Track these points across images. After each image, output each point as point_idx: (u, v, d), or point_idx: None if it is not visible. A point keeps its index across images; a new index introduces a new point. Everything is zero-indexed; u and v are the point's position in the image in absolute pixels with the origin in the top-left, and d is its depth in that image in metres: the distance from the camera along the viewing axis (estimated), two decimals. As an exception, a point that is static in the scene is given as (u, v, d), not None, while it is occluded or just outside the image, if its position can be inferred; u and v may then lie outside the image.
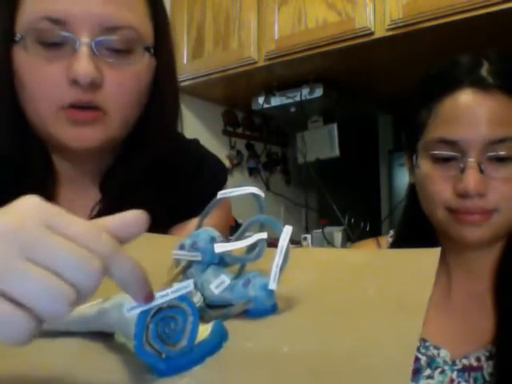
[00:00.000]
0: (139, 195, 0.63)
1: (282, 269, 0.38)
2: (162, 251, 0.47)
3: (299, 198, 2.16)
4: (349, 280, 0.45)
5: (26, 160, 0.60)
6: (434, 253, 0.45)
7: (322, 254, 0.56)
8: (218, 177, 0.71)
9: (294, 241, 1.93)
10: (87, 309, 0.38)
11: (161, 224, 0.63)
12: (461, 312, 0.69)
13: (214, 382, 0.32)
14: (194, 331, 0.33)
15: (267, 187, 2.17)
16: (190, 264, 0.42)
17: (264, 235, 0.39)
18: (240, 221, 1.85)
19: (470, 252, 0.70)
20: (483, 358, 0.64)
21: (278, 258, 0.37)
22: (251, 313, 0.39)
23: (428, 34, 1.34)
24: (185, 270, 0.42)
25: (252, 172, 2.19)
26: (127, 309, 0.30)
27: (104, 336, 0.37)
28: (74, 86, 0.54)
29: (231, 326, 0.37)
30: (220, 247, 0.40)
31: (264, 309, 0.39)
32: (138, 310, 0.31)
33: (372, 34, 1.39)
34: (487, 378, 0.63)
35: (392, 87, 1.68)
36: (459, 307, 0.69)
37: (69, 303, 0.26)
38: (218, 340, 0.35)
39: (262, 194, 0.41)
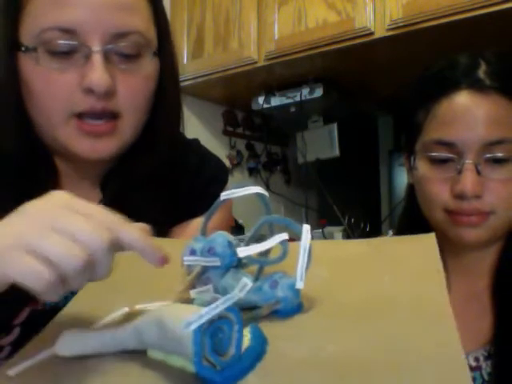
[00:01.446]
0: (140, 196, 0.63)
1: (306, 268, 0.38)
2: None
3: (299, 198, 2.16)
4: (361, 272, 0.45)
5: (29, 161, 0.59)
6: (431, 237, 0.46)
7: (322, 246, 0.57)
8: (219, 176, 0.71)
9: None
10: (116, 329, 0.37)
11: (162, 224, 0.63)
12: (459, 312, 0.68)
13: None
14: (240, 339, 0.33)
15: (267, 187, 2.17)
16: (204, 269, 0.42)
17: (285, 236, 0.39)
18: (240, 221, 1.85)
19: (468, 253, 0.70)
20: (481, 358, 0.64)
21: (302, 258, 0.38)
22: (280, 313, 0.39)
23: (428, 33, 1.34)
24: (199, 276, 0.42)
25: (252, 172, 2.19)
26: (184, 325, 0.31)
27: (134, 354, 0.37)
28: (89, 94, 0.54)
29: (263, 327, 0.37)
30: (243, 251, 0.39)
31: (292, 308, 0.39)
32: (194, 326, 0.31)
33: (372, 33, 1.39)
34: (486, 377, 0.63)
35: (392, 87, 1.68)
36: (457, 307, 0.69)
37: (83, 262, 0.34)
38: (261, 344, 0.35)
39: (265, 193, 0.41)
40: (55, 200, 0.37)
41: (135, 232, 0.36)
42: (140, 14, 0.57)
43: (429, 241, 0.46)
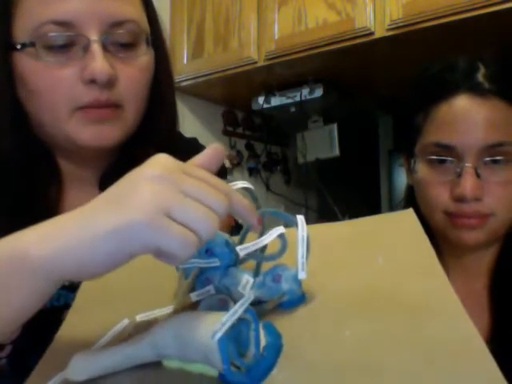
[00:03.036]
0: None
1: (307, 258, 0.39)
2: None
3: (299, 198, 2.16)
4: (352, 255, 0.45)
5: (28, 161, 0.59)
6: (409, 213, 0.47)
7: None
8: (217, 175, 0.71)
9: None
10: (128, 345, 0.37)
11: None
12: None
13: (303, 381, 0.32)
14: (258, 337, 0.34)
15: (267, 187, 2.17)
16: (203, 271, 0.42)
17: (282, 229, 0.39)
18: (240, 221, 1.85)
19: (467, 253, 0.70)
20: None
21: (301, 248, 0.38)
22: (285, 305, 0.39)
23: (428, 34, 1.34)
24: (197, 278, 0.42)
25: (252, 172, 2.19)
26: (211, 336, 0.31)
27: (148, 366, 0.36)
28: (91, 85, 0.54)
29: (273, 322, 0.37)
30: (244, 250, 0.39)
31: (296, 300, 0.40)
32: (219, 335, 0.31)
33: (372, 33, 1.39)
34: None
35: (392, 87, 1.68)
36: None
37: (216, 227, 0.34)
38: (278, 339, 0.35)
39: (251, 186, 0.41)
40: (167, 164, 0.35)
41: (240, 197, 0.37)
42: (133, 3, 0.58)
43: (409, 217, 0.47)
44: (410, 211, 0.47)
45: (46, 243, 0.34)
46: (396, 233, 0.46)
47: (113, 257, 0.33)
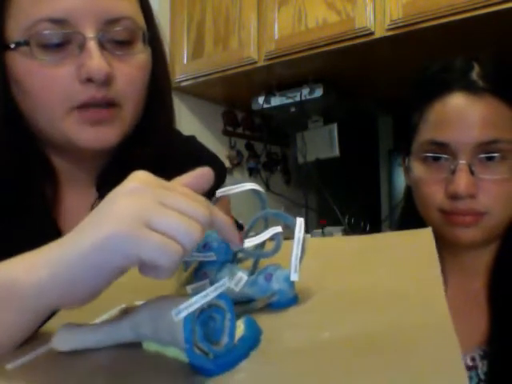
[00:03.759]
0: None
1: (300, 260, 0.39)
2: None
3: (299, 198, 2.16)
4: (354, 264, 0.45)
5: (24, 162, 0.59)
6: (427, 232, 0.46)
7: (316, 242, 0.57)
8: (215, 174, 0.71)
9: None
10: (112, 323, 0.38)
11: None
12: (456, 312, 0.68)
13: (268, 374, 0.32)
14: (233, 328, 0.34)
15: (267, 187, 2.17)
16: (201, 265, 0.42)
17: (279, 229, 0.40)
18: (240, 221, 1.85)
19: (464, 252, 0.70)
20: (478, 358, 0.64)
21: (296, 250, 0.38)
22: (275, 305, 0.40)
23: (428, 34, 1.34)
24: (196, 272, 0.42)
25: (252, 172, 2.19)
26: (175, 313, 0.31)
27: (130, 347, 0.37)
28: (87, 84, 0.53)
29: (259, 319, 0.37)
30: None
31: (287, 301, 0.40)
32: (184, 313, 0.31)
33: (372, 33, 1.39)
34: (482, 377, 0.63)
35: (392, 87, 1.68)
36: (454, 307, 0.69)
37: (201, 235, 0.33)
38: (256, 334, 0.35)
39: (261, 189, 0.41)
40: (145, 178, 0.35)
41: (222, 214, 0.37)
42: (128, 0, 0.57)
43: (425, 235, 0.47)
44: (428, 231, 0.47)
45: (34, 271, 0.34)
46: (407, 249, 0.46)
47: (98, 273, 0.33)
